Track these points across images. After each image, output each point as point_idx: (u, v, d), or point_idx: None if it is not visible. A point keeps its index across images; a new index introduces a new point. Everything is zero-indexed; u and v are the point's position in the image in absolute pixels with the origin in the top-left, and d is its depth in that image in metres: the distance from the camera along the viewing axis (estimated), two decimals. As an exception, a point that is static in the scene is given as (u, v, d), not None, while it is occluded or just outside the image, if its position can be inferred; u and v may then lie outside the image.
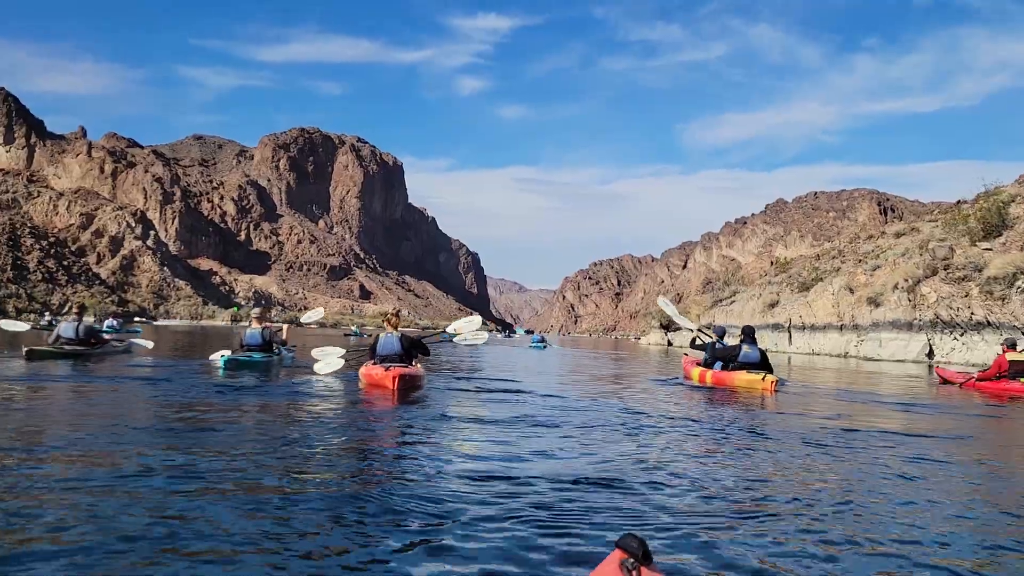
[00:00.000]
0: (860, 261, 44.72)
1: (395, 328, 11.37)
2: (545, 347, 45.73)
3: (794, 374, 20.16)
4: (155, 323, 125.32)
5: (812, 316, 42.32)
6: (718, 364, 13.75)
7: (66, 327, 16.52)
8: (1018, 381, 13.73)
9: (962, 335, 27.91)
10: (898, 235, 46.96)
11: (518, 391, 11.02)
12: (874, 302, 35.57)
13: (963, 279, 29.05)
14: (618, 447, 6.14)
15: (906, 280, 31.94)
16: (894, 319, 31.90)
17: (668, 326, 61.86)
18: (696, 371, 14.44)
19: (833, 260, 50.95)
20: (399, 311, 12.18)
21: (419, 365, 11.78)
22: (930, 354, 29.28)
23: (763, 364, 12.97)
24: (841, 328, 38.80)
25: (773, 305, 48.84)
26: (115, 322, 56.25)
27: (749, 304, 52.83)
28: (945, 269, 30.50)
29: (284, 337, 16.57)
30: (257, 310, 16.26)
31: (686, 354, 17.83)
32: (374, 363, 10.99)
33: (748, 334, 13.57)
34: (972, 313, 27.89)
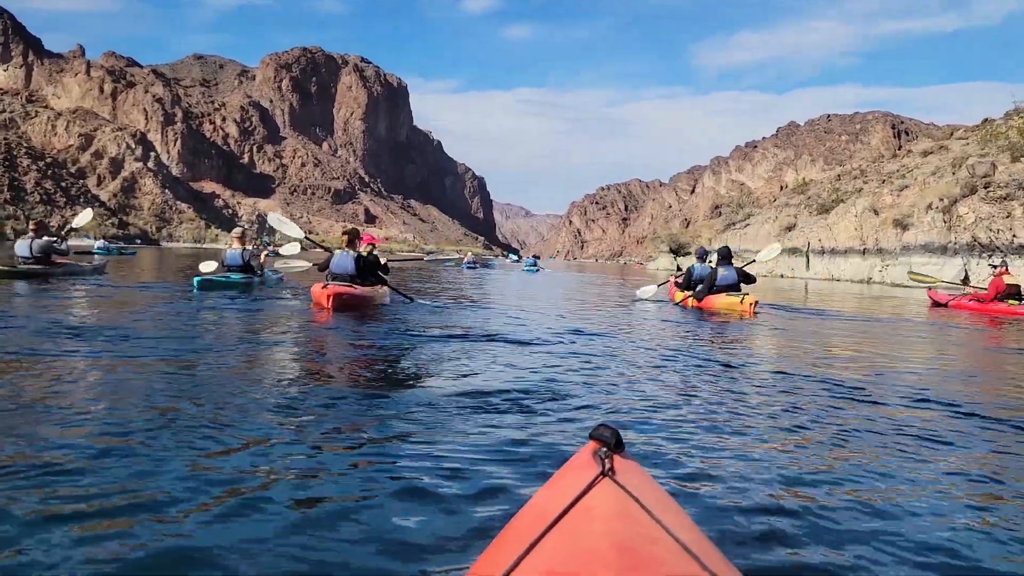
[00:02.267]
0: (884, 181, 42.23)
1: (351, 247, 11.06)
2: (537, 270, 44.81)
3: (810, 301, 19.21)
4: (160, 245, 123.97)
5: (832, 239, 40.10)
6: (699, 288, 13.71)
7: (21, 245, 15.52)
8: (1005, 303, 14.14)
9: (1002, 259, 25.72)
10: (925, 154, 44.31)
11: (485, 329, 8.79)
12: (901, 224, 33.30)
13: (1005, 198, 26.69)
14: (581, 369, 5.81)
15: (941, 200, 29.53)
16: (927, 242, 29.61)
17: (677, 251, 59.74)
18: (680, 294, 14.52)
19: (855, 180, 48.37)
20: (355, 229, 11.61)
21: (379, 288, 11.53)
22: (965, 280, 27.11)
23: (739, 284, 12.92)
24: (864, 252, 36.63)
25: (790, 228, 46.55)
26: (104, 243, 54.13)
27: (764, 227, 50.51)
28: (985, 188, 28.09)
29: (261, 262, 15.61)
30: (238, 230, 15.64)
31: (671, 276, 17.28)
32: (326, 282, 10.77)
33: (724, 256, 13.42)
34: (1014, 235, 25.67)
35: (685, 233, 79.83)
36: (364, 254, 11.42)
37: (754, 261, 14.91)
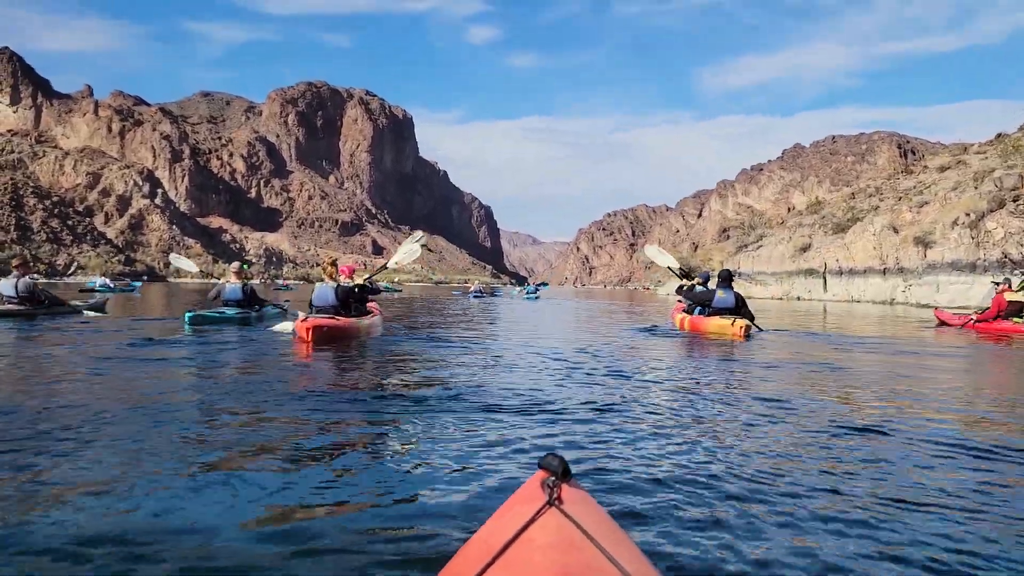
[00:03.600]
0: (901, 198, 40.96)
1: (331, 278, 10.70)
2: (538, 297, 43.06)
3: (829, 323, 18.43)
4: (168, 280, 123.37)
5: (850, 259, 38.75)
6: (698, 309, 13.47)
7: (5, 284, 14.76)
8: (1011, 321, 13.96)
9: (1005, 276, 24.32)
10: (942, 169, 43.06)
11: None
12: (923, 242, 31.98)
13: (1036, 211, 25.42)
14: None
15: (968, 215, 28.20)
16: (954, 260, 28.20)
17: (689, 274, 58.31)
18: (679, 317, 14.24)
19: (870, 199, 47.09)
20: (335, 260, 11.29)
21: (364, 319, 10.98)
22: (998, 298, 25.76)
23: (737, 309, 12.63)
24: (884, 272, 35.27)
25: (805, 249, 45.20)
26: (107, 280, 53.23)
27: (778, 248, 49.15)
28: (1014, 201, 26.78)
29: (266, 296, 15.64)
30: (236, 265, 15.08)
31: (679, 300, 16.63)
32: (307, 314, 10.26)
33: (724, 278, 13.18)
34: (1048, 250, 24.35)
35: (695, 256, 78.59)
36: (350, 285, 11.15)
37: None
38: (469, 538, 1.52)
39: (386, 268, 12.99)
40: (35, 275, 16.29)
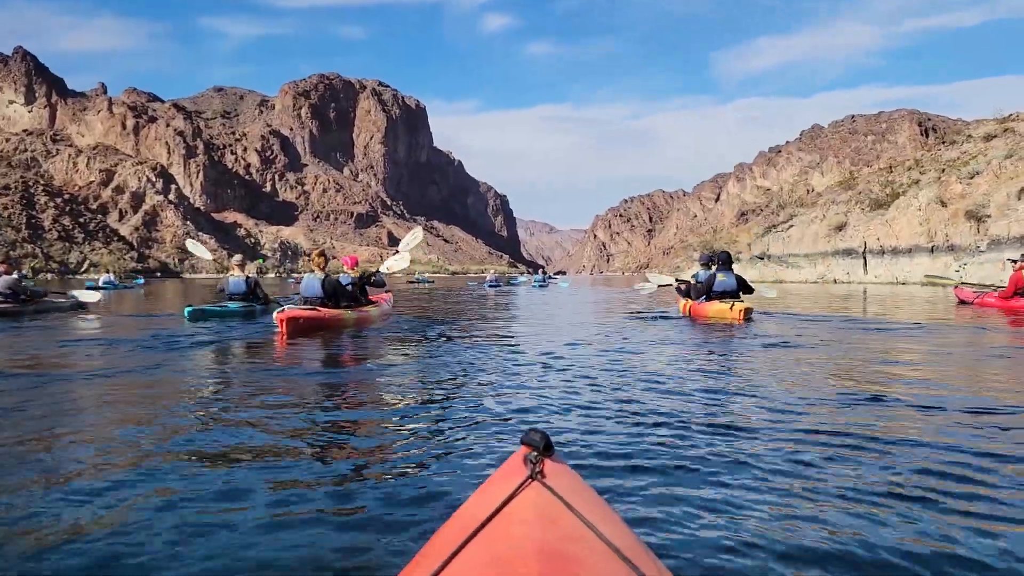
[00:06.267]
0: (945, 170, 37.99)
1: (321, 269, 10.90)
2: (545, 285, 42.69)
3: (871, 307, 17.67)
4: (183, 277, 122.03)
5: (893, 237, 35.91)
6: (703, 296, 13.36)
7: None
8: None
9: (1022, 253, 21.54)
10: (988, 138, 40.03)
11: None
12: (975, 216, 29.19)
13: (1117, 176, 22.58)
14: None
15: (1036, 183, 25.38)
16: (1021, 234, 25.41)
17: (709, 262, 55.72)
18: (682, 303, 14.40)
19: (909, 172, 44.06)
20: (323, 251, 11.56)
21: (360, 309, 11.21)
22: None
23: (738, 291, 12.69)
24: (932, 250, 32.47)
25: (841, 228, 42.31)
26: (111, 277, 51.52)
27: (811, 228, 46.23)
28: (1089, 166, 23.94)
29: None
30: (239, 257, 15.26)
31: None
32: (295, 305, 10.39)
33: (723, 261, 13.21)
34: None
35: (718, 240, 75.68)
36: (350, 277, 11.64)
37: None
38: (451, 515, 1.51)
39: (377, 273, 12.77)
40: (24, 273, 16.50)
